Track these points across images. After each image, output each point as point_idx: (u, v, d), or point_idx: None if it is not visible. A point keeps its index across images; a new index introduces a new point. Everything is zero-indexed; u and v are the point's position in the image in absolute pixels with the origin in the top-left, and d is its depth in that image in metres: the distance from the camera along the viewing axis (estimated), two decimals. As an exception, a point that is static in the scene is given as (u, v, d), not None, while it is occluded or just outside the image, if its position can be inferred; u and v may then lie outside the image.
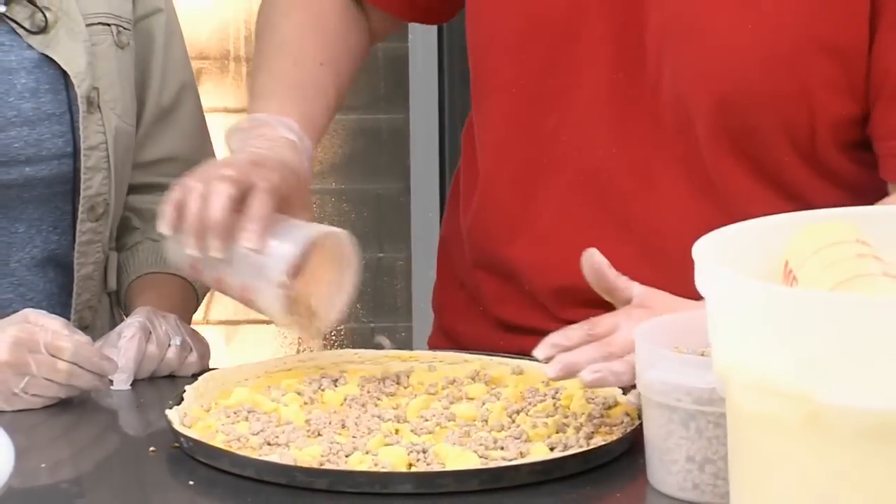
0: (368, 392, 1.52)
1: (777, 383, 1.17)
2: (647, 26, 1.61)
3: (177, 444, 1.43)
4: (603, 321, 1.48)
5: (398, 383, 1.55)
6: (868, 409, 1.14)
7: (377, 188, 2.72)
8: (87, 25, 1.74)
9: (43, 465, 1.46)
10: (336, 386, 1.54)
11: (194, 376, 1.58)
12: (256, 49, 1.75)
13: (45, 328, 1.56)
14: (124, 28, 1.78)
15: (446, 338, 1.81)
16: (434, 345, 1.83)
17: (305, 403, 1.50)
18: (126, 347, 1.60)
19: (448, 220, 1.86)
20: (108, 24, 1.76)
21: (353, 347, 2.73)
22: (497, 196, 1.70)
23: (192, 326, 1.73)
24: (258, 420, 1.45)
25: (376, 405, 1.50)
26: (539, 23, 1.64)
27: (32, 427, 1.53)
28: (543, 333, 1.65)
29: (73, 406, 1.57)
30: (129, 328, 1.62)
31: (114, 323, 1.75)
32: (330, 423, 1.45)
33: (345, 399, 1.51)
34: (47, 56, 1.71)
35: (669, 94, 1.62)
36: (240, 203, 1.50)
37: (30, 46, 1.71)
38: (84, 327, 1.75)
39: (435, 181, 2.61)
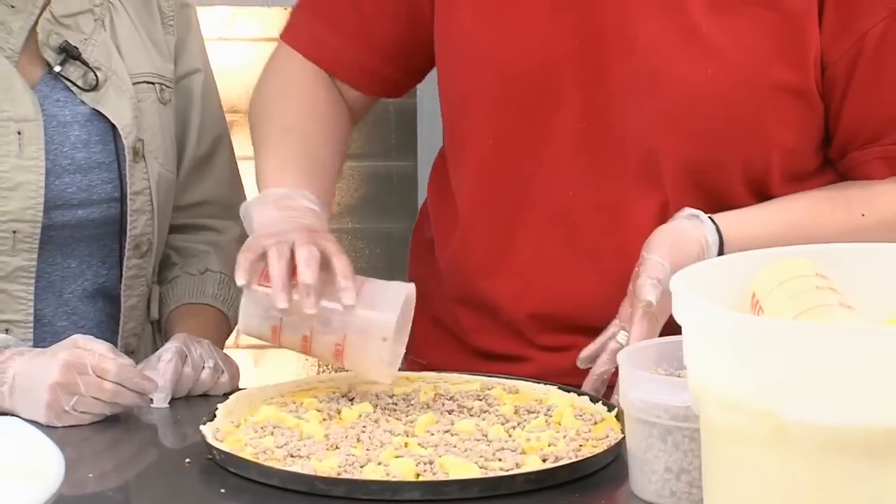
0: (381, 409, 1.51)
1: (745, 401, 1.16)
2: (612, 77, 1.60)
3: (210, 456, 1.43)
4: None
5: (407, 401, 1.54)
6: (827, 424, 1.14)
7: (388, 227, 2.71)
8: (134, 84, 1.73)
9: (90, 475, 1.45)
10: (352, 404, 1.53)
11: (225, 395, 1.57)
12: (258, 135, 1.71)
13: (93, 352, 1.55)
14: (166, 86, 1.77)
15: (422, 369, 1.78)
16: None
17: (324, 419, 1.49)
18: (164, 369, 1.60)
19: (416, 263, 1.83)
20: (153, 83, 1.76)
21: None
22: (478, 235, 1.68)
23: (224, 351, 1.72)
24: (282, 434, 1.45)
25: (388, 421, 1.49)
26: (512, 80, 1.63)
27: (81, 441, 1.52)
28: (520, 359, 1.65)
29: (118, 422, 1.56)
30: (168, 352, 1.62)
31: (156, 348, 1.74)
32: (346, 437, 1.44)
33: (359, 416, 1.50)
34: (98, 111, 1.71)
35: (635, 138, 1.61)
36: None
37: (82, 102, 1.71)
38: (130, 352, 1.74)
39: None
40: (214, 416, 1.48)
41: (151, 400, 1.58)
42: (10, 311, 1.68)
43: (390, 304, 1.50)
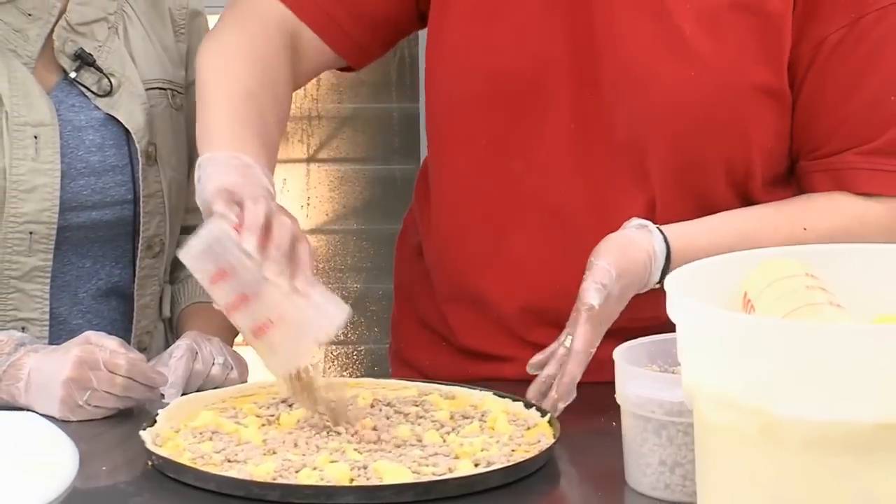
0: (319, 415, 1.49)
1: (737, 398, 1.16)
2: (601, 80, 1.60)
3: (150, 461, 1.42)
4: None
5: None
6: (815, 420, 1.14)
7: (392, 228, 2.71)
8: (147, 89, 1.74)
9: (104, 469, 1.45)
10: (291, 409, 1.51)
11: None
12: (215, 88, 1.58)
13: (104, 347, 1.55)
14: (178, 92, 1.78)
15: (410, 369, 1.77)
16: (398, 374, 1.79)
17: (263, 425, 1.48)
18: (175, 366, 1.60)
19: (402, 269, 1.82)
20: (165, 89, 1.76)
21: (373, 366, 2.74)
22: (468, 233, 1.67)
23: (234, 348, 1.72)
24: (220, 440, 1.44)
25: (326, 428, 1.47)
26: (502, 79, 1.62)
27: (94, 435, 1.52)
28: (508, 359, 1.65)
29: (130, 417, 1.56)
30: (179, 349, 1.62)
31: (167, 345, 1.74)
32: (284, 442, 1.43)
33: (298, 421, 1.48)
34: (112, 116, 1.71)
35: (623, 138, 1.61)
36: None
37: (97, 107, 1.71)
38: (142, 349, 1.75)
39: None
40: (155, 421, 1.47)
41: (163, 395, 1.58)
42: (27, 309, 1.68)
43: (340, 307, 1.45)
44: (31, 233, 1.66)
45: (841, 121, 1.64)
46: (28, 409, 1.56)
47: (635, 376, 1.36)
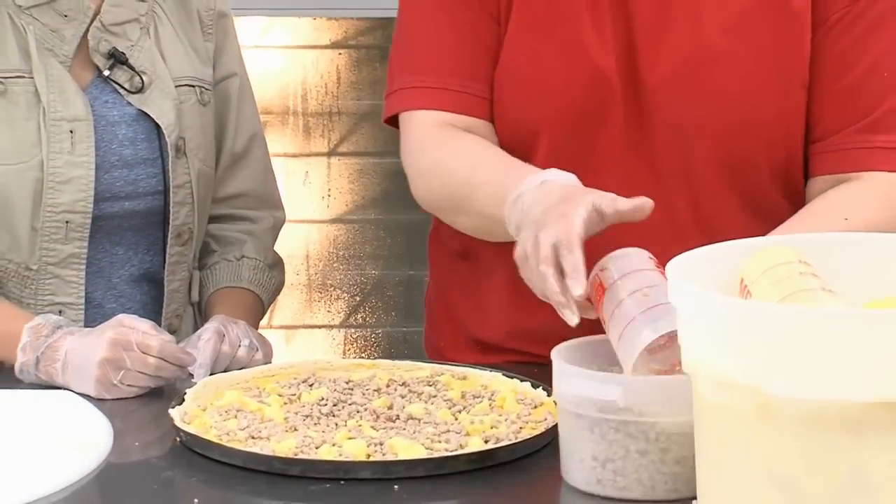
0: (338, 393, 1.50)
1: (734, 378, 1.16)
2: (647, 89, 1.59)
3: (178, 438, 1.42)
4: None
5: (362, 387, 1.52)
6: (809, 399, 1.14)
7: (408, 218, 2.72)
8: (176, 86, 1.73)
9: (136, 444, 1.45)
10: (311, 389, 1.52)
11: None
12: (460, 189, 1.58)
13: (136, 329, 1.55)
14: (206, 89, 1.77)
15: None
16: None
17: (285, 403, 1.48)
18: (203, 347, 1.59)
19: (439, 269, 1.77)
20: (193, 86, 1.76)
21: (390, 349, 2.74)
22: None
23: (259, 331, 1.72)
24: (245, 417, 1.44)
25: (344, 405, 1.47)
26: (558, 95, 1.59)
27: (127, 413, 1.53)
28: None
29: (161, 395, 1.56)
30: (207, 332, 1.62)
31: (196, 328, 1.74)
32: (305, 418, 1.44)
33: (319, 399, 1.48)
34: (143, 111, 1.71)
35: (669, 144, 1.60)
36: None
37: (129, 103, 1.71)
38: (172, 332, 1.75)
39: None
40: (183, 399, 1.47)
41: (191, 375, 1.58)
42: (63, 294, 1.68)
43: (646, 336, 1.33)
44: (67, 222, 1.66)
45: (834, 98, 1.62)
46: (65, 388, 1.57)
47: (569, 374, 1.34)
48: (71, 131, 1.66)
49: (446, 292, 1.76)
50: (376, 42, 2.62)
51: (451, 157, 1.60)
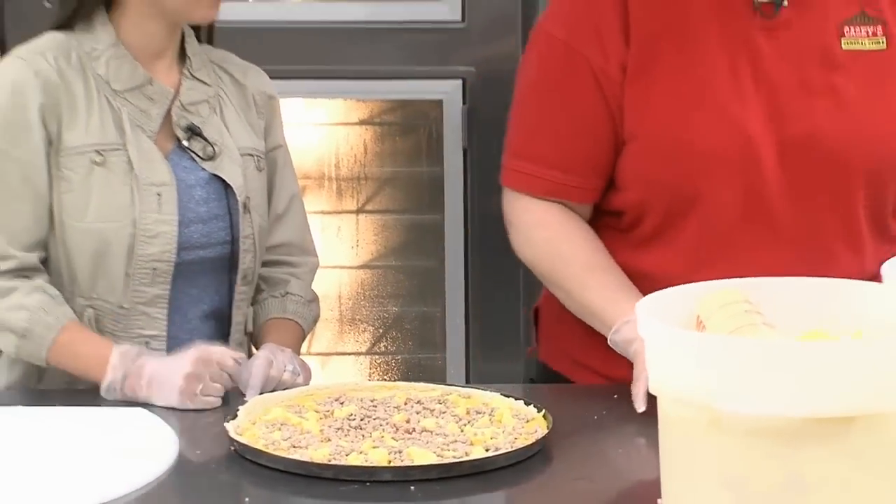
0: (364, 409, 1.50)
1: (692, 397, 1.16)
2: (794, 146, 1.54)
3: (232, 447, 1.42)
4: None
5: (384, 404, 1.51)
6: (753, 414, 1.14)
7: (422, 264, 2.72)
8: (240, 155, 1.74)
9: (197, 452, 1.45)
10: (342, 406, 1.51)
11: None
12: (563, 275, 1.57)
13: (215, 350, 1.57)
14: (261, 157, 1.77)
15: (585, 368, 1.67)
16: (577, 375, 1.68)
17: (321, 418, 1.48)
18: (256, 372, 1.59)
19: (551, 333, 1.69)
20: (252, 155, 1.75)
21: (407, 372, 2.73)
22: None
23: (301, 356, 1.71)
24: (287, 430, 1.44)
25: (370, 419, 1.47)
26: (710, 156, 1.53)
27: (191, 427, 1.51)
28: None
29: (218, 412, 1.55)
30: (258, 359, 1.61)
31: (250, 354, 1.74)
32: (337, 431, 1.44)
33: (349, 415, 1.48)
34: (215, 175, 1.70)
35: (824, 188, 1.54)
36: None
37: (203, 168, 1.70)
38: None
39: (460, 261, 2.60)
40: (236, 415, 1.47)
41: (244, 395, 1.57)
42: (150, 328, 1.68)
43: None
44: (154, 269, 1.66)
45: None
46: (147, 402, 1.56)
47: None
48: (158, 194, 1.66)
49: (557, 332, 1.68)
50: (395, 120, 2.64)
51: (566, 245, 1.58)
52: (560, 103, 1.57)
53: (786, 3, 1.55)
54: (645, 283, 1.54)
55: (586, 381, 1.67)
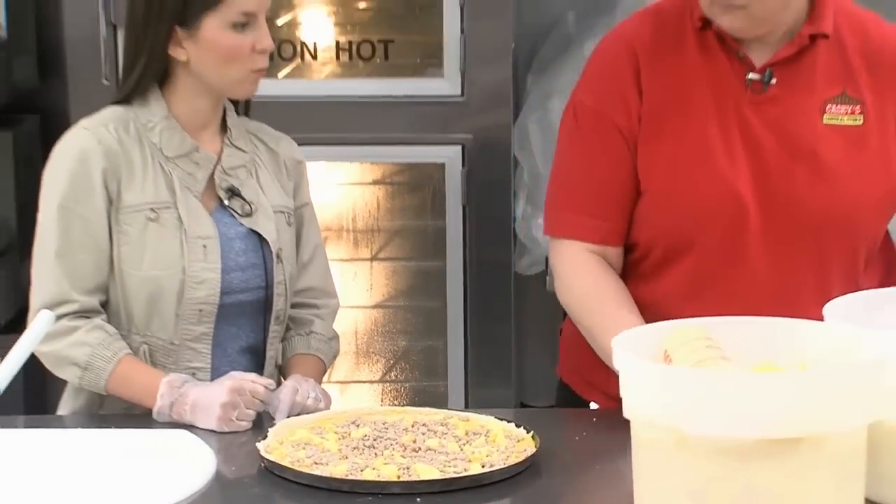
0: (376, 431, 1.50)
1: (661, 420, 1.17)
2: (780, 205, 1.54)
3: (262, 464, 1.42)
4: None
5: (395, 427, 1.51)
6: (714, 435, 1.14)
7: (427, 304, 2.71)
8: (274, 212, 1.74)
9: (232, 468, 1.45)
10: (357, 428, 1.51)
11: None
12: (598, 317, 1.56)
13: (247, 380, 1.57)
14: (290, 214, 1.77)
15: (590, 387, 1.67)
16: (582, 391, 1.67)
17: (339, 438, 1.48)
18: (283, 399, 1.59)
19: (570, 358, 1.68)
20: (283, 212, 1.75)
21: (414, 398, 2.72)
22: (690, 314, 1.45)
23: (322, 385, 1.70)
24: (310, 449, 1.44)
25: (381, 440, 1.47)
26: (709, 214, 1.55)
27: (226, 446, 1.51)
28: None
29: (250, 433, 1.55)
30: (286, 387, 1.61)
31: (279, 384, 1.74)
32: (353, 449, 1.44)
33: (363, 436, 1.48)
34: (252, 230, 1.70)
35: (803, 242, 1.55)
36: None
37: (242, 224, 1.70)
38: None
39: (460, 302, 2.60)
40: (266, 436, 1.47)
41: (273, 418, 1.57)
42: (196, 361, 1.67)
43: None
44: (200, 310, 1.66)
45: None
46: (191, 425, 1.56)
47: None
48: (204, 246, 1.66)
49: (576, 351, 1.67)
50: (404, 180, 2.65)
51: (598, 296, 1.57)
52: (594, 160, 1.60)
53: (773, 81, 1.57)
54: (648, 310, 1.57)
55: (596, 399, 1.67)
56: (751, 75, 1.56)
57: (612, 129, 1.59)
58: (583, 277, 1.61)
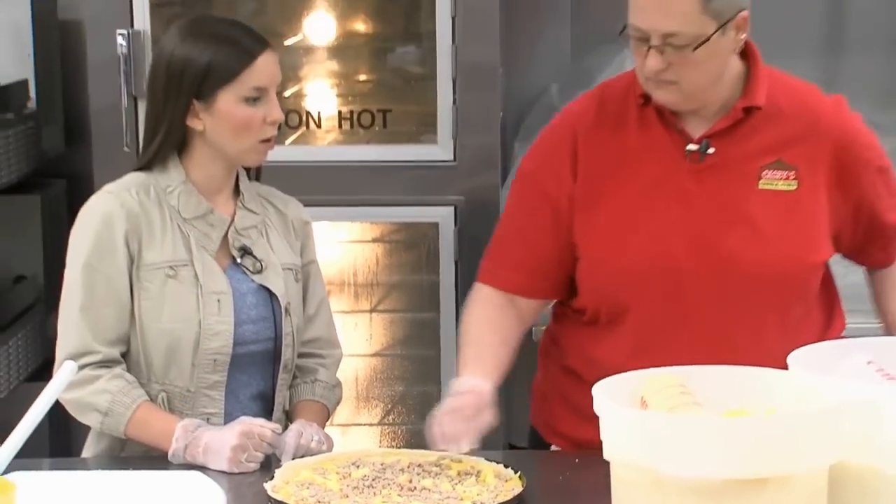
0: (375, 471, 1.50)
1: (639, 462, 1.17)
2: (713, 265, 1.54)
3: (270, 503, 1.42)
4: None
5: (392, 468, 1.52)
6: (687, 476, 1.15)
7: (422, 353, 2.70)
8: (283, 269, 1.74)
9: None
10: (357, 468, 1.51)
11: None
12: (467, 340, 1.62)
13: (255, 424, 1.57)
14: (297, 270, 1.78)
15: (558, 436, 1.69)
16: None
17: (341, 479, 1.47)
18: (289, 442, 1.59)
19: (547, 367, 1.69)
20: (291, 269, 1.76)
21: (410, 440, 2.70)
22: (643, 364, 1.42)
23: (325, 429, 1.70)
24: (314, 488, 1.44)
25: (380, 479, 1.47)
26: (646, 277, 1.56)
27: (236, 486, 1.51)
28: None
29: (257, 474, 1.55)
30: (291, 431, 1.61)
31: (285, 428, 1.74)
32: (353, 489, 1.43)
33: (363, 476, 1.48)
34: (262, 285, 1.71)
35: (735, 302, 1.55)
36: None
37: (253, 280, 1.71)
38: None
39: (453, 351, 2.58)
40: (273, 477, 1.47)
41: (279, 460, 1.57)
42: (210, 407, 1.68)
43: None
44: (214, 360, 1.66)
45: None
46: (204, 466, 1.56)
47: None
48: (218, 300, 1.67)
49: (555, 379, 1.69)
50: (401, 238, 2.66)
51: (474, 326, 1.63)
52: (520, 222, 1.65)
53: (711, 150, 1.58)
54: (599, 367, 1.55)
55: (557, 443, 1.69)
56: (689, 146, 1.58)
57: (539, 195, 1.62)
58: (474, 313, 1.65)
